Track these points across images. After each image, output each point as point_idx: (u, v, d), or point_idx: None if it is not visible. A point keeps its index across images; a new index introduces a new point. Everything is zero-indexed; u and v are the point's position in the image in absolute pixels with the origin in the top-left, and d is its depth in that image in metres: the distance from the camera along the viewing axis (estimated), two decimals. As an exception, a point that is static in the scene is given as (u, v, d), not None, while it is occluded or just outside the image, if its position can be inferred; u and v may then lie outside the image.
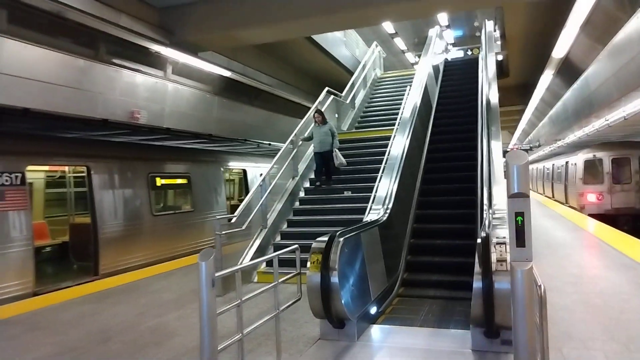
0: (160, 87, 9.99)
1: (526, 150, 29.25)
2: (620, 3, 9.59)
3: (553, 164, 22.49)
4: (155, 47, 9.35)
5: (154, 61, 9.77)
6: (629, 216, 15.41)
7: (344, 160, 10.18)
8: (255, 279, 7.92)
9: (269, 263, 7.92)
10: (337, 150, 10.14)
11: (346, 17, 10.14)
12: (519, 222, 2.52)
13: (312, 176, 10.92)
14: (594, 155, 16.26)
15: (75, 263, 10.41)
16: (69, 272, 9.91)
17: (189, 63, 10.37)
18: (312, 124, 10.36)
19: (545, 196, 24.91)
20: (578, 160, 16.96)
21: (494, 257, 4.22)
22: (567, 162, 18.91)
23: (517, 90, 23.37)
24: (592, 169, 16.26)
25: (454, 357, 4.33)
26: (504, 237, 4.49)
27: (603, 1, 9.75)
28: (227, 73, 11.70)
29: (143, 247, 10.56)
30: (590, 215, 15.28)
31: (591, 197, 16.19)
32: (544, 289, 2.75)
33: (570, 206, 18.12)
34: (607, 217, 14.98)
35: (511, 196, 2.53)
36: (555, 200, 21.85)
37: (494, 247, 4.32)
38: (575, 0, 9.70)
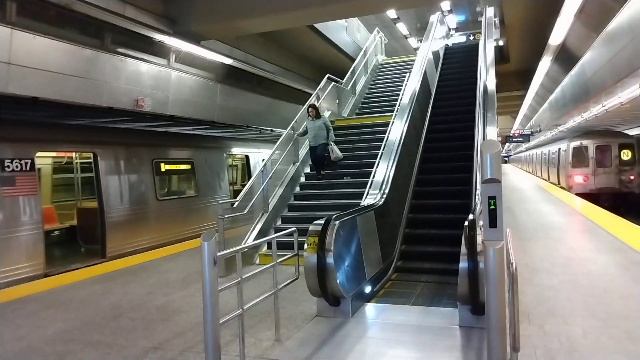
0: (164, 75, 10.24)
1: (527, 135, 29.43)
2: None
3: (549, 150, 24.99)
4: (159, 37, 9.55)
5: (158, 50, 10.00)
6: (610, 195, 17.99)
7: (340, 154, 10.18)
8: (257, 261, 8.23)
9: (270, 246, 8.22)
10: (333, 144, 10.15)
11: (348, 5, 10.13)
12: (492, 205, 2.78)
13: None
14: (581, 143, 18.88)
15: (83, 246, 10.75)
16: (77, 254, 10.25)
17: (191, 52, 10.58)
18: (307, 119, 10.40)
19: (542, 179, 27.25)
20: (568, 147, 19.35)
21: (479, 238, 4.48)
22: (559, 149, 21.22)
23: (517, 76, 23.47)
24: (579, 155, 18.87)
25: (442, 332, 4.63)
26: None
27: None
28: (228, 61, 11.90)
29: (148, 231, 10.86)
30: (577, 194, 17.66)
31: (578, 179, 18.78)
32: (515, 267, 3.02)
33: (562, 187, 20.47)
34: (591, 196, 17.37)
35: (485, 182, 2.78)
36: (550, 182, 24.05)
37: (480, 229, 4.58)
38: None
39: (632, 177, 17.84)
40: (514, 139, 31.21)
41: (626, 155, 18.15)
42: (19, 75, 7.32)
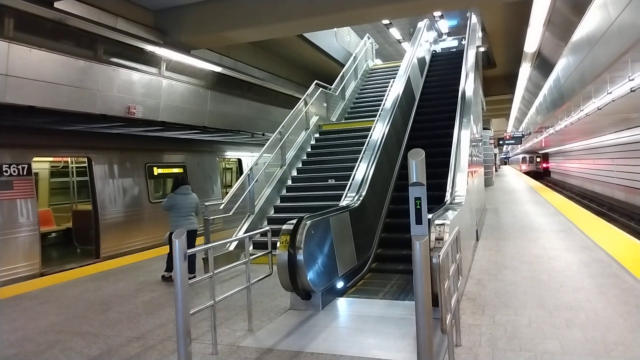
0: (155, 83, 10.66)
1: (519, 138, 29.84)
2: (572, 7, 10.13)
3: (518, 157, 61.55)
4: (150, 47, 9.94)
5: (149, 59, 10.42)
6: (533, 172, 49.67)
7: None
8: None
9: (256, 246, 8.65)
10: None
11: (336, 17, 10.20)
12: (418, 205, 3.20)
13: (300, 165, 11.52)
14: (525, 155, 55.05)
15: (78, 247, 11.15)
16: (73, 255, 10.64)
17: (182, 61, 10.98)
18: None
19: (516, 169, 60.83)
20: (520, 156, 59.28)
21: (433, 236, 4.91)
22: (520, 157, 58.75)
23: (505, 80, 23.94)
24: (524, 159, 55.59)
25: (400, 322, 5.06)
26: (444, 220, 5.21)
27: (558, 4, 10.32)
28: (218, 69, 12.30)
29: (141, 232, 11.20)
30: (523, 172, 47.35)
31: (523, 167, 55.18)
32: (442, 259, 3.51)
33: (519, 170, 54.34)
34: (527, 172, 48.36)
35: (411, 185, 3.19)
36: (516, 169, 58.24)
37: (434, 227, 5.02)
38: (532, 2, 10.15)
39: (541, 166, 51.87)
40: (506, 141, 31.70)
41: (538, 159, 52.78)
42: (16, 85, 7.75)
